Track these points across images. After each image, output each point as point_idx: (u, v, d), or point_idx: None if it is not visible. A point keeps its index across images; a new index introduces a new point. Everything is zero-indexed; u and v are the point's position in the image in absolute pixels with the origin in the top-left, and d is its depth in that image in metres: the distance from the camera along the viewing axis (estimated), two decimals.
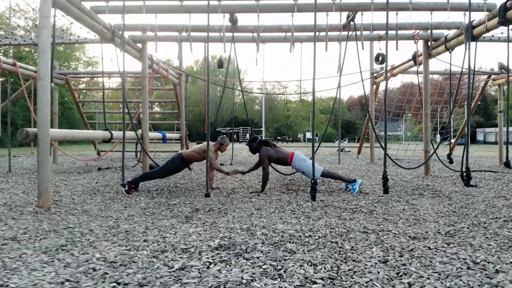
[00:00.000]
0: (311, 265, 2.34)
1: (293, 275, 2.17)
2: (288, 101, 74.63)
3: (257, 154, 5.80)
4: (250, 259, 2.44)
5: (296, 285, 2.02)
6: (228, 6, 5.81)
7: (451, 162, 7.24)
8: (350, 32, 6.71)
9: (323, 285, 2.05)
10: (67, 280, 2.11)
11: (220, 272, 2.22)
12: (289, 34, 6.96)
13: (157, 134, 9.62)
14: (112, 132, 6.45)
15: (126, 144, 12.83)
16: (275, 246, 2.73)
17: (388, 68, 10.18)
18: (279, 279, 2.11)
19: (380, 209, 4.36)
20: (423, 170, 8.04)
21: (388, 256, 2.58)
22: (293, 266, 2.32)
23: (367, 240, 2.97)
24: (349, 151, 19.12)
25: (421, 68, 8.06)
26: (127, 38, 7.23)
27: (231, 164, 10.84)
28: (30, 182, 6.59)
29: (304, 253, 2.59)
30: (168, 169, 5.72)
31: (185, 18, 6.11)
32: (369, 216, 3.95)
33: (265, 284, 2.04)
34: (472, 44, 6.12)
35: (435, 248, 2.82)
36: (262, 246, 2.70)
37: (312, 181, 4.43)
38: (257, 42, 6.98)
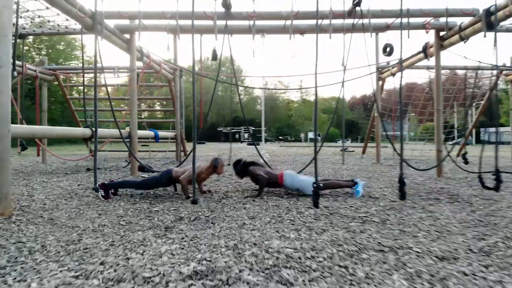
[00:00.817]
0: None
1: None
2: (290, 101, 74.03)
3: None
4: None
5: None
6: None
7: (466, 162, 6.61)
8: (356, 20, 6.09)
9: None
10: None
11: None
12: (288, 22, 6.35)
13: (148, 133, 9.01)
14: (93, 129, 5.84)
15: (119, 144, 12.26)
16: (266, 274, 2.11)
17: (395, 61, 9.56)
18: None
19: (394, 217, 3.74)
20: (435, 171, 7.41)
21: (415, 287, 1.96)
22: None
23: (385, 263, 2.35)
24: (353, 151, 18.46)
25: (431, 62, 7.43)
26: (112, 28, 6.63)
27: (229, 164, 10.21)
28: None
29: (305, 284, 1.97)
30: (150, 185, 5.06)
31: (174, 5, 5.53)
32: (382, 227, 3.34)
33: None
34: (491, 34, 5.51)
35: (472, 273, 2.20)
36: (249, 275, 2.07)
37: (315, 186, 3.81)
38: (253, 30, 6.37)
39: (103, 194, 4.84)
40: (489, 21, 5.63)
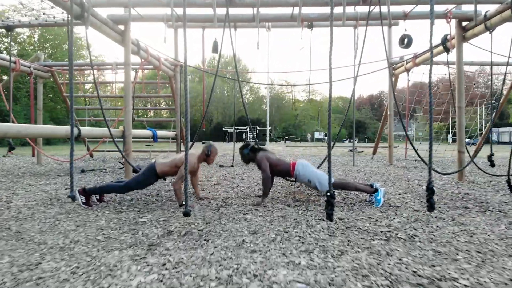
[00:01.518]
0: None
1: None
2: (296, 100, 73.41)
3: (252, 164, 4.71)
4: None
5: None
6: None
7: (492, 165, 5.99)
8: (372, 7, 5.48)
9: None
10: None
11: None
12: (296, 10, 5.76)
13: (146, 132, 8.45)
14: (81, 128, 5.28)
15: (100, 143, 11.72)
16: None
17: (410, 56, 8.92)
18: None
19: (422, 232, 3.14)
20: (457, 175, 6.78)
21: None
22: None
23: None
24: (361, 151, 17.81)
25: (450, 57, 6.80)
26: (104, 18, 6.07)
27: (232, 165, 9.65)
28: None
29: None
30: (135, 187, 4.35)
31: None
32: (411, 246, 2.74)
33: None
34: None
35: None
36: None
37: (328, 194, 3.20)
38: (257, 18, 5.79)
39: (84, 201, 4.27)
40: None
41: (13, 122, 8.13)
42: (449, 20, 6.15)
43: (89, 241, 2.89)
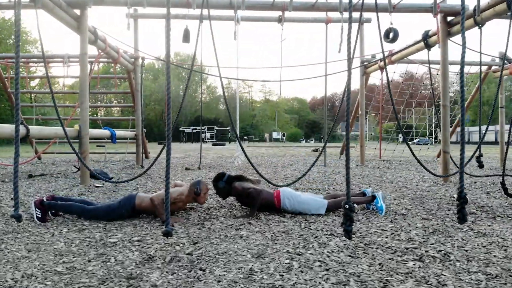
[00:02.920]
0: None
1: None
2: (253, 101, 73.24)
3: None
4: None
5: None
6: None
7: (481, 166, 5.76)
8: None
9: None
10: None
11: None
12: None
13: (103, 132, 7.56)
14: (29, 127, 4.41)
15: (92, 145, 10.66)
16: None
17: (386, 53, 8.65)
18: None
19: (452, 247, 2.69)
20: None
21: None
22: None
23: None
24: (317, 149, 17.59)
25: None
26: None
27: (199, 168, 8.95)
28: None
29: None
30: (103, 217, 3.54)
31: None
32: (455, 269, 2.26)
33: None
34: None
35: None
36: None
37: (347, 207, 2.66)
38: (235, 5, 5.18)
39: (39, 216, 3.48)
40: None
41: None
42: (436, 15, 5.85)
43: (47, 277, 2.17)
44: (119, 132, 8.72)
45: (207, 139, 46.14)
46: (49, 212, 3.63)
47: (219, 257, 2.48)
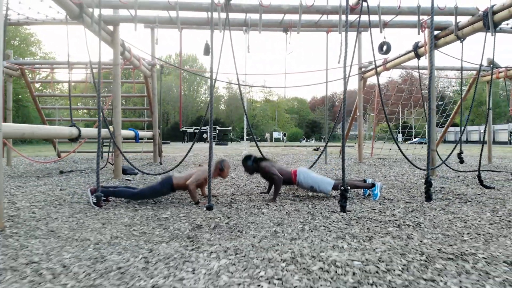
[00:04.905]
0: None
1: None
2: (253, 101, 74.02)
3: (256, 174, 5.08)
4: None
5: None
6: None
7: (461, 161, 6.63)
8: (357, 16, 5.91)
9: None
10: None
11: None
12: (288, 17, 6.10)
13: (129, 132, 8.45)
14: (80, 128, 5.29)
15: (90, 144, 11.55)
16: None
17: (381, 61, 9.54)
18: None
19: (424, 220, 3.56)
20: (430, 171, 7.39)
21: None
22: None
23: (468, 273, 2.14)
24: (317, 149, 18.47)
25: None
26: (96, 17, 6.09)
27: (200, 165, 9.81)
28: None
29: None
30: (148, 196, 4.50)
31: None
32: (422, 231, 3.14)
33: None
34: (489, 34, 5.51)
35: None
36: None
37: (342, 188, 3.56)
38: (248, 23, 6.08)
39: (95, 201, 4.33)
40: (489, 21, 5.62)
41: None
42: (423, 29, 6.73)
43: (129, 237, 3.03)
44: (141, 133, 9.60)
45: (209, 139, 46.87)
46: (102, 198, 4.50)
47: (250, 224, 3.37)
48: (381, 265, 2.22)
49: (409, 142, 21.23)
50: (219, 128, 50.48)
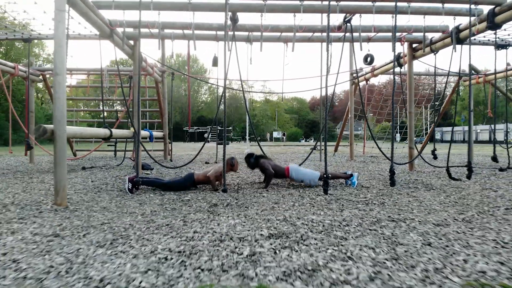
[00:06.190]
0: (369, 248, 2.52)
1: (360, 257, 2.35)
2: (253, 101, 75.00)
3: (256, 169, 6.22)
4: (311, 245, 2.60)
5: (370, 265, 2.20)
6: (233, 5, 5.90)
7: (435, 157, 7.69)
8: (345, 33, 6.97)
9: (393, 264, 2.24)
10: (149, 270, 2.18)
11: (291, 257, 2.35)
12: (284, 34, 7.15)
13: (145, 133, 9.52)
14: (112, 130, 6.35)
15: (96, 144, 12.60)
16: (323, 234, 2.90)
17: (369, 69, 10.61)
18: (351, 261, 2.28)
19: (389, 201, 4.62)
20: (408, 166, 8.47)
21: (429, 240, 2.80)
22: (354, 249, 2.49)
23: (401, 227, 3.19)
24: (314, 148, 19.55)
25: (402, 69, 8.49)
26: (121, 35, 7.16)
27: (216, 162, 10.90)
28: (24, 182, 6.41)
29: (354, 239, 2.77)
30: (173, 188, 5.55)
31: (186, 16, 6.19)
32: (384, 207, 4.20)
33: (343, 265, 2.20)
34: (459, 46, 6.57)
35: (463, 232, 3.08)
36: (312, 234, 2.86)
37: (325, 176, 4.66)
38: (251, 39, 7.14)
39: (130, 188, 5.37)
40: (457, 37, 6.67)
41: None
42: (402, 43, 7.79)
43: (164, 210, 4.08)
44: (154, 133, 10.67)
45: (210, 138, 48.04)
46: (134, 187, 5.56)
47: (254, 203, 4.43)
48: (343, 223, 3.29)
49: (406, 141, 22.16)
50: (219, 128, 51.46)
